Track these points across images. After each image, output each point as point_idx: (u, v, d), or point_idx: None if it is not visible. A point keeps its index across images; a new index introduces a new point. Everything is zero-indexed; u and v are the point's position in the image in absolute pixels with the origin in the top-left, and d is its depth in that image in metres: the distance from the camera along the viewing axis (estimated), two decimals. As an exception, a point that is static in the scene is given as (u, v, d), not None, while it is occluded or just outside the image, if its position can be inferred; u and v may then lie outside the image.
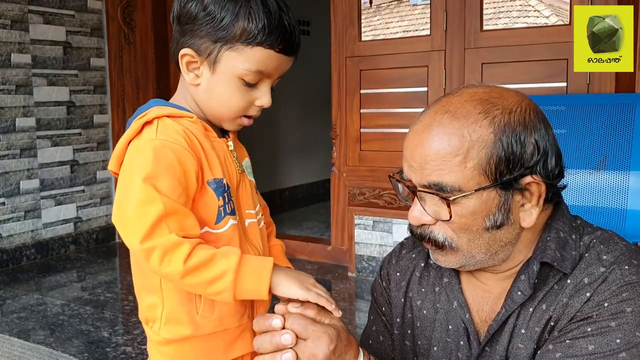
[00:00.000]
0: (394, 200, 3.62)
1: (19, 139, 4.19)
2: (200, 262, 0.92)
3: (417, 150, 0.91)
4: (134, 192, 0.93)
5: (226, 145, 1.08)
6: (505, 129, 0.88)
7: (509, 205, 0.91)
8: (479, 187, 0.89)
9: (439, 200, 0.91)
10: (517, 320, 0.95)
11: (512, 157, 0.88)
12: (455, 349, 1.03)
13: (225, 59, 1.00)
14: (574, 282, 0.92)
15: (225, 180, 1.04)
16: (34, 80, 4.25)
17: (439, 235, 0.94)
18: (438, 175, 0.89)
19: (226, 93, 1.03)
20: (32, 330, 3.02)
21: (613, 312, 0.87)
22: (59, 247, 4.48)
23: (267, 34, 0.99)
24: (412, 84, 3.49)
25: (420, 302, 1.09)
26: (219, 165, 1.03)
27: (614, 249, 0.93)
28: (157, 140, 0.96)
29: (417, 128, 0.93)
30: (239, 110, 1.05)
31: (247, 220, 1.09)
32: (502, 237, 0.93)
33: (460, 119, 0.89)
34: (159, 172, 0.93)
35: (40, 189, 4.34)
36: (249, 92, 1.03)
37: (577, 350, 0.87)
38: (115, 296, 3.55)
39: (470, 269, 0.99)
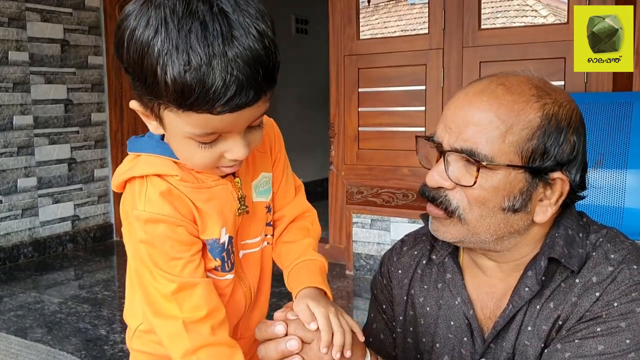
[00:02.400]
0: (392, 199, 3.62)
1: (17, 137, 4.18)
2: None
3: (462, 112, 0.91)
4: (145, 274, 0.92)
5: (232, 184, 0.96)
6: (552, 119, 0.89)
7: (530, 194, 0.91)
8: (510, 163, 0.89)
9: (465, 166, 0.91)
10: (524, 317, 0.95)
11: (550, 147, 0.89)
12: (458, 345, 1.02)
13: (167, 119, 0.83)
14: (582, 281, 0.91)
15: (227, 236, 0.95)
16: (31, 78, 4.25)
17: (453, 202, 0.93)
18: (474, 142, 0.89)
19: (185, 152, 0.88)
20: (29, 328, 3.01)
21: (623, 312, 0.87)
22: (56, 245, 4.47)
23: (193, 99, 0.76)
24: (410, 82, 3.49)
25: (423, 299, 1.08)
26: (217, 222, 0.94)
27: (621, 247, 0.93)
28: (146, 214, 0.89)
29: (467, 91, 0.93)
30: (207, 166, 0.89)
31: (242, 252, 1.02)
32: (514, 223, 0.93)
33: (514, 94, 0.90)
34: (157, 249, 0.90)
35: (37, 187, 4.34)
36: (212, 149, 0.85)
37: (586, 350, 0.86)
38: (113, 294, 3.55)
39: (468, 246, 0.98)
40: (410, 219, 3.50)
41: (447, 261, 1.06)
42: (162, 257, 0.89)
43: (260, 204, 1.03)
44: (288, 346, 0.88)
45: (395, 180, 3.61)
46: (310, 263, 1.02)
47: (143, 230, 0.90)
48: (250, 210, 1.00)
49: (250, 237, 1.02)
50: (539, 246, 0.97)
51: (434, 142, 0.95)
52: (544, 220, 0.94)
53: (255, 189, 1.02)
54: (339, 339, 0.88)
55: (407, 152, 3.50)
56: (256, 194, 1.02)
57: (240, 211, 0.97)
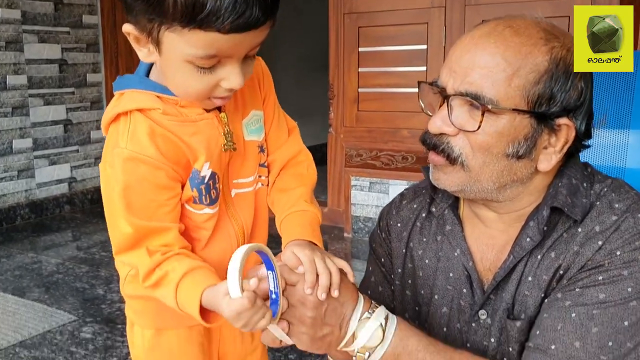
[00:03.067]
0: (391, 161, 3.59)
1: (10, 97, 4.12)
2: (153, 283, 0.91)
3: (468, 55, 0.89)
4: (110, 207, 0.93)
5: (218, 119, 0.95)
6: (560, 63, 0.87)
7: (535, 140, 0.89)
8: (516, 107, 0.86)
9: (469, 111, 0.88)
10: (524, 268, 0.93)
11: (557, 93, 0.87)
12: (457, 296, 1.00)
13: (167, 41, 0.82)
14: (585, 230, 0.89)
15: (209, 171, 0.94)
16: (24, 37, 4.17)
17: (456, 148, 0.90)
18: (479, 85, 0.86)
19: (179, 78, 0.86)
20: (27, 288, 3.01)
21: (625, 260, 0.85)
22: (53, 207, 4.45)
23: (204, 15, 0.76)
24: (411, 41, 3.42)
25: (422, 252, 1.07)
26: (201, 155, 0.92)
27: (626, 197, 0.90)
28: (127, 152, 0.89)
29: (474, 34, 0.91)
30: (200, 95, 0.88)
31: (235, 191, 1.01)
32: (517, 170, 0.90)
33: (521, 36, 0.87)
34: (132, 193, 0.90)
35: (33, 148, 4.30)
36: (209, 76, 0.85)
37: (587, 299, 0.85)
38: (111, 255, 3.53)
39: (469, 196, 0.95)
40: (410, 181, 3.48)
41: (446, 213, 1.04)
42: (136, 198, 0.90)
43: (252, 143, 1.01)
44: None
45: (395, 142, 3.58)
46: (301, 215, 1.00)
47: (122, 169, 0.89)
48: (241, 149, 0.99)
49: (242, 176, 1.01)
50: (541, 196, 0.95)
51: (438, 87, 0.92)
52: (548, 168, 0.91)
53: (247, 127, 1.00)
54: (324, 280, 0.87)
55: (407, 113, 3.46)
56: (248, 133, 1.00)
57: (226, 147, 0.95)
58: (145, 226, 0.90)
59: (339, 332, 0.89)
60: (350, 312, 0.89)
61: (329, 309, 0.88)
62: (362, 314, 0.89)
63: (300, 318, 0.87)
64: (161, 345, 1.06)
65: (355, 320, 0.89)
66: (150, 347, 1.07)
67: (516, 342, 0.93)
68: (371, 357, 0.89)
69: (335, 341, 0.89)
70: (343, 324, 0.89)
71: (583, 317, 0.84)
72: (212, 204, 0.97)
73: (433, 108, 0.95)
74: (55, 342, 2.42)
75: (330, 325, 0.88)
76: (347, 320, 0.89)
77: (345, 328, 0.89)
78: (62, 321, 2.59)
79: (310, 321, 0.87)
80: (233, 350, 1.14)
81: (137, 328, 1.08)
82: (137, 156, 0.88)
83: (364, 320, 0.89)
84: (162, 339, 1.06)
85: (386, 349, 0.88)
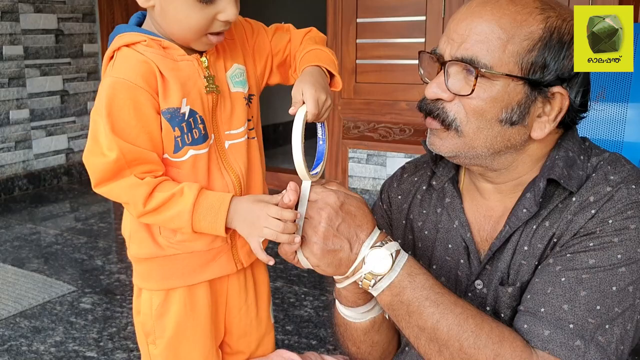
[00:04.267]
0: (389, 134, 3.59)
1: (7, 67, 4.09)
2: (158, 204, 0.95)
3: (464, 22, 0.91)
4: (95, 135, 0.95)
5: (198, 62, 1.00)
6: (554, 33, 0.89)
7: (528, 107, 0.91)
8: (510, 73, 0.88)
9: (465, 76, 0.91)
10: (520, 238, 0.95)
11: (551, 61, 0.89)
12: (454, 267, 1.02)
13: None
14: (579, 200, 0.91)
15: (187, 108, 0.98)
16: (20, 7, 4.12)
17: (450, 113, 0.92)
18: (475, 51, 0.89)
19: (181, 13, 0.94)
20: (26, 258, 3.03)
21: (617, 228, 0.87)
22: (51, 177, 4.46)
23: None
24: (410, 12, 3.39)
25: (422, 224, 1.09)
26: (178, 91, 0.97)
27: (621, 170, 0.92)
28: (110, 79, 0.95)
29: (471, 4, 0.94)
30: (200, 30, 0.96)
31: (228, 142, 1.05)
32: (511, 136, 0.92)
33: (517, 5, 0.90)
34: (115, 113, 0.93)
35: (30, 119, 4.28)
36: (208, 8, 0.93)
37: (577, 264, 0.87)
38: (109, 226, 3.56)
39: (464, 162, 0.97)
40: (407, 154, 3.48)
41: (446, 186, 1.06)
42: (120, 121, 0.94)
43: (238, 95, 1.06)
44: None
45: (393, 114, 3.57)
46: (317, 51, 1.07)
47: (106, 94, 0.94)
48: (227, 99, 1.04)
49: (234, 127, 1.06)
50: (537, 168, 0.97)
51: (436, 55, 0.95)
52: (542, 136, 0.93)
53: (231, 79, 1.06)
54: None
55: (406, 85, 3.44)
56: (233, 85, 1.06)
57: (208, 89, 1.01)
58: (131, 149, 0.94)
59: (350, 251, 0.90)
60: (364, 237, 0.91)
61: (342, 224, 0.90)
62: (376, 242, 0.91)
63: (315, 227, 0.90)
64: (169, 312, 1.08)
65: (367, 247, 0.90)
66: (158, 315, 1.09)
67: (508, 308, 0.95)
68: (377, 285, 0.90)
69: (345, 260, 0.90)
70: (354, 244, 0.90)
71: (572, 281, 0.86)
72: (196, 143, 1.00)
73: (431, 76, 0.97)
74: (55, 312, 2.44)
75: (341, 239, 0.90)
76: (360, 243, 0.90)
77: (356, 249, 0.90)
78: (62, 292, 2.62)
79: (323, 230, 0.89)
80: (238, 321, 1.16)
81: (145, 295, 1.10)
82: (120, 80, 0.94)
83: (375, 248, 0.90)
84: (170, 306, 1.08)
85: (392, 279, 0.89)
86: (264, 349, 1.20)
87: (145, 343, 1.12)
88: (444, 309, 0.87)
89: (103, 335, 2.25)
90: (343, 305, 1.04)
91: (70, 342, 2.21)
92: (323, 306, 2.46)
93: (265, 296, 1.20)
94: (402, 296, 0.89)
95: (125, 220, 1.10)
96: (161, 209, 0.95)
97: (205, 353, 1.11)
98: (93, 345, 2.18)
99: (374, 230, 0.92)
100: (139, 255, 1.07)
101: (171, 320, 1.08)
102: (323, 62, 1.05)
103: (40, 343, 2.20)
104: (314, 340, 2.20)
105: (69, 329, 2.31)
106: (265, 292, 1.20)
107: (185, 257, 1.05)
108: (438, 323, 0.87)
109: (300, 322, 2.33)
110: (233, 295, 1.13)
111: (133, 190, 0.94)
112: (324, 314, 2.39)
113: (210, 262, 1.07)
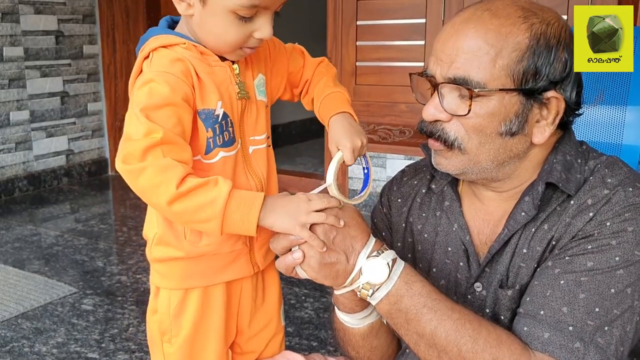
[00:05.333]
0: (389, 135, 3.60)
1: (7, 68, 4.10)
2: (192, 186, 0.90)
3: (450, 42, 0.92)
4: (132, 125, 0.93)
5: (230, 69, 1.03)
6: (541, 39, 0.90)
7: (526, 116, 0.92)
8: (503, 87, 0.89)
9: (459, 96, 0.91)
10: (519, 240, 0.96)
11: (541, 67, 0.90)
12: (454, 270, 1.04)
13: None
14: (577, 203, 0.92)
15: (221, 110, 1.00)
16: (20, 8, 4.13)
17: (451, 133, 0.93)
18: (466, 69, 0.89)
19: (219, 28, 0.96)
20: (27, 260, 3.04)
21: (614, 230, 0.88)
22: (51, 179, 4.46)
23: None
24: (409, 14, 3.40)
25: (421, 227, 1.10)
26: (214, 94, 0.99)
27: (619, 173, 0.93)
28: (150, 74, 0.96)
29: (454, 21, 0.94)
30: (235, 45, 0.99)
31: (252, 147, 1.08)
32: (513, 147, 0.93)
33: (500, 17, 0.90)
34: (154, 104, 0.93)
35: (30, 120, 4.29)
36: (246, 26, 0.96)
37: (575, 267, 0.88)
38: (110, 227, 3.57)
39: (471, 177, 0.98)
40: (407, 156, 3.49)
41: (446, 190, 1.07)
42: (155, 112, 0.92)
43: (261, 103, 1.10)
44: None
45: (392, 116, 3.58)
46: (333, 95, 1.11)
47: (141, 89, 0.95)
48: (254, 105, 1.07)
49: (257, 134, 1.09)
50: (537, 172, 0.98)
51: (427, 76, 0.96)
52: (543, 140, 0.94)
53: (257, 88, 1.08)
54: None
55: (405, 87, 3.43)
56: (258, 93, 1.09)
57: (240, 95, 1.03)
58: (166, 132, 0.91)
59: (347, 263, 0.91)
60: (360, 247, 0.92)
61: (337, 237, 0.91)
62: (372, 252, 0.92)
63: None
64: (187, 311, 1.09)
65: (364, 257, 0.91)
66: (176, 313, 1.10)
67: (507, 310, 0.96)
68: (374, 295, 0.91)
69: (342, 272, 0.92)
70: (351, 256, 0.91)
71: (571, 283, 0.87)
72: (226, 145, 1.01)
73: (425, 97, 0.98)
74: (56, 313, 2.45)
75: (338, 252, 0.91)
76: (356, 254, 0.91)
77: (353, 260, 0.91)
78: (63, 293, 2.63)
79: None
80: (250, 322, 1.18)
81: (163, 294, 1.11)
82: (160, 72, 0.95)
83: (371, 258, 0.91)
84: (188, 305, 1.09)
85: (390, 288, 0.90)
86: (272, 350, 1.22)
87: (160, 342, 1.13)
88: (442, 315, 0.89)
89: (105, 337, 2.26)
90: (341, 311, 1.05)
91: (72, 344, 2.22)
92: (323, 308, 2.48)
93: (276, 297, 1.22)
94: (400, 304, 0.90)
95: (150, 222, 1.10)
96: (194, 193, 0.90)
97: (218, 353, 1.12)
98: (95, 347, 2.19)
99: (369, 239, 0.93)
100: (162, 257, 1.08)
101: (188, 320, 1.09)
102: (345, 106, 1.09)
103: (42, 344, 2.21)
104: (315, 342, 2.21)
105: (71, 330, 2.32)
106: (276, 293, 1.21)
107: (207, 259, 1.07)
108: (436, 329, 0.88)
109: (300, 324, 2.34)
110: (246, 297, 1.15)
111: (168, 171, 0.90)
112: (324, 316, 2.40)
113: (230, 264, 1.09)
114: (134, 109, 0.93)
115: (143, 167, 0.90)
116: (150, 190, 0.91)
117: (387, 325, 1.04)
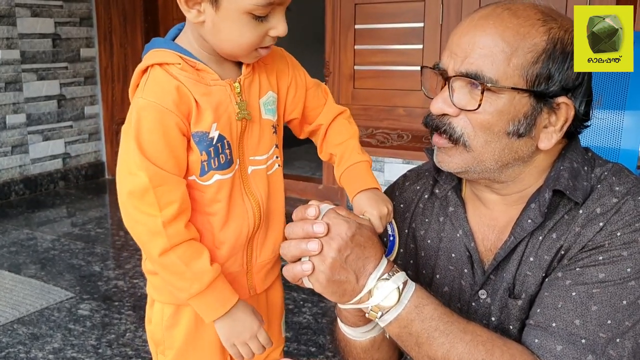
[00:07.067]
0: (387, 139, 3.59)
1: (4, 71, 4.08)
2: (173, 267, 0.96)
3: (467, 36, 0.91)
4: (127, 151, 0.94)
5: (231, 88, 1.00)
6: (557, 44, 0.89)
7: (535, 119, 0.91)
8: (515, 86, 0.89)
9: (470, 91, 0.91)
10: (525, 248, 0.95)
11: (555, 72, 0.89)
12: (458, 276, 1.02)
13: None
14: (586, 212, 0.91)
15: (216, 132, 0.98)
16: (17, 11, 4.11)
17: (457, 129, 0.92)
18: (479, 65, 0.89)
19: (235, 31, 0.94)
20: (23, 264, 3.02)
21: (625, 241, 0.87)
22: (47, 182, 4.45)
23: None
24: (408, 19, 3.40)
25: (424, 232, 1.09)
26: (209, 116, 0.97)
27: (626, 181, 0.93)
28: (142, 100, 0.94)
29: (473, 17, 0.94)
30: (252, 46, 0.96)
31: (251, 168, 1.05)
32: (518, 149, 0.93)
33: (519, 18, 0.90)
34: (144, 136, 0.93)
35: (27, 123, 4.27)
36: (261, 25, 0.94)
37: (587, 278, 0.87)
38: (106, 232, 3.55)
39: (473, 177, 0.97)
40: (405, 160, 3.49)
41: (449, 195, 1.06)
42: (149, 144, 0.93)
43: (267, 122, 1.06)
44: (309, 247, 0.88)
45: (391, 120, 3.58)
46: (359, 165, 1.10)
47: (136, 117, 0.94)
48: (258, 125, 1.04)
49: (259, 154, 1.06)
50: (542, 178, 0.97)
51: (439, 70, 0.95)
52: (549, 147, 0.93)
53: (264, 106, 1.05)
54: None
55: (404, 91, 3.45)
56: (265, 111, 1.05)
57: (240, 116, 1.00)
58: (157, 172, 0.93)
59: (356, 283, 0.89)
60: (371, 269, 0.89)
61: (351, 255, 0.88)
62: (382, 274, 0.89)
63: (323, 256, 0.88)
64: (179, 324, 1.08)
65: (374, 279, 0.89)
66: (169, 326, 1.08)
67: (517, 320, 0.95)
68: (384, 317, 0.89)
69: (350, 291, 0.89)
70: (361, 276, 0.89)
71: (583, 295, 0.86)
72: (221, 168, 0.99)
73: (435, 91, 0.97)
74: (53, 318, 2.44)
75: (348, 271, 0.88)
76: (367, 275, 0.89)
77: (362, 281, 0.89)
78: (60, 298, 2.61)
79: (331, 261, 0.87)
80: None
81: (157, 306, 1.10)
82: (150, 103, 0.94)
83: (382, 280, 0.89)
84: (180, 318, 1.08)
85: (400, 312, 0.88)
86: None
87: (155, 353, 1.12)
88: (454, 338, 0.87)
89: (102, 342, 2.25)
90: (344, 324, 1.04)
91: (68, 349, 2.20)
92: (322, 313, 2.46)
93: (278, 312, 1.20)
94: (410, 328, 0.89)
95: None
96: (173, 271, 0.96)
97: None
98: (92, 352, 2.18)
99: (382, 261, 0.91)
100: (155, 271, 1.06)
101: (180, 333, 1.08)
102: (372, 181, 1.07)
103: (39, 350, 2.20)
104: (313, 347, 2.20)
105: (68, 335, 2.30)
106: (278, 308, 1.20)
107: None
108: (448, 353, 0.87)
109: (299, 329, 2.33)
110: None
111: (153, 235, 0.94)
112: (322, 321, 2.39)
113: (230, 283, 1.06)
114: (130, 133, 0.94)
115: (135, 223, 0.96)
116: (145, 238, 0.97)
117: (389, 338, 1.03)
